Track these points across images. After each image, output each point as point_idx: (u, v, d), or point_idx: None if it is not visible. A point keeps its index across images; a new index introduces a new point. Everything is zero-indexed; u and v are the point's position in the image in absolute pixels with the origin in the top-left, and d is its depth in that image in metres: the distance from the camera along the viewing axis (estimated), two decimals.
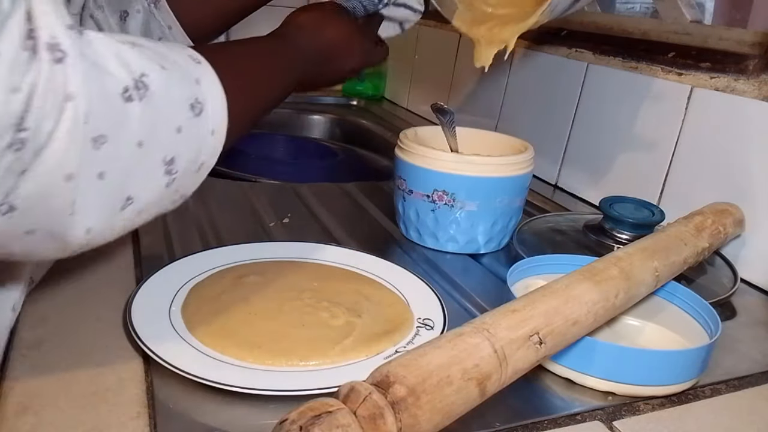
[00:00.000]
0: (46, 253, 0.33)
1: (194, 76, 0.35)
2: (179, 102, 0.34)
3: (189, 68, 0.35)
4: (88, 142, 0.29)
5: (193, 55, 0.36)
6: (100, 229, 0.33)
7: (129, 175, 0.32)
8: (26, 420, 0.35)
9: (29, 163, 0.27)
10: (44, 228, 0.30)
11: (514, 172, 0.60)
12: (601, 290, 0.41)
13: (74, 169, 0.28)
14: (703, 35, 0.75)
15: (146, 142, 0.32)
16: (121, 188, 0.32)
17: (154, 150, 0.33)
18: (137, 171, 0.32)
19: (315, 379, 0.39)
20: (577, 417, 0.40)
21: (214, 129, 0.36)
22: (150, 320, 0.43)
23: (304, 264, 0.55)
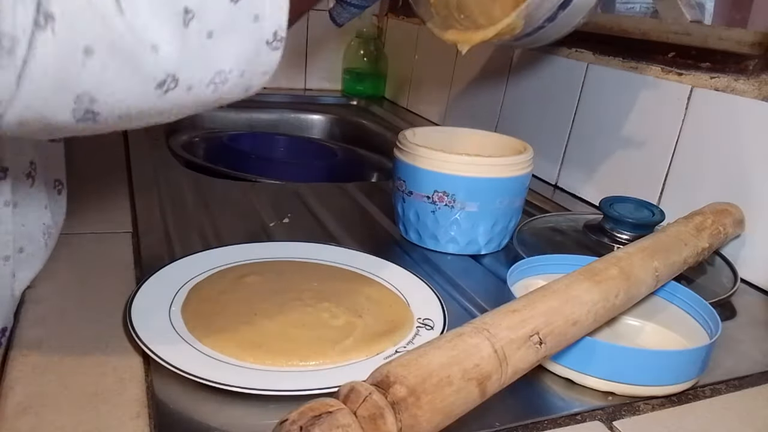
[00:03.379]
0: (125, 88, 0.29)
1: None
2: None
3: None
4: None
5: None
6: (173, 51, 0.29)
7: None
8: (26, 420, 0.35)
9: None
10: (100, 40, 0.26)
11: (514, 173, 0.60)
12: (601, 290, 0.41)
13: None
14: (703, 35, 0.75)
15: None
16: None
17: None
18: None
19: (315, 379, 0.39)
20: (577, 417, 0.40)
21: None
22: (150, 320, 0.43)
23: (304, 264, 0.55)
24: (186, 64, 0.30)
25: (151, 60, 0.28)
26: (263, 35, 0.33)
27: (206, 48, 0.31)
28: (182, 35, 0.29)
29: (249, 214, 0.69)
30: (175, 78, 0.30)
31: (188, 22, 0.29)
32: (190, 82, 0.31)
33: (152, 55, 0.28)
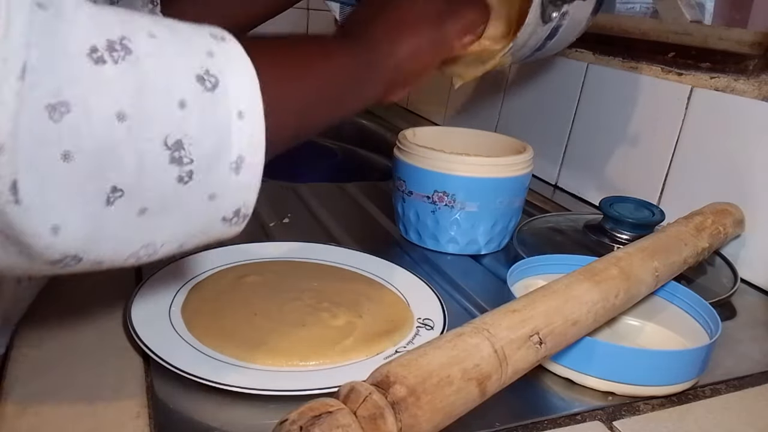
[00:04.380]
0: (12, 263, 0.26)
1: (205, 47, 0.29)
2: (179, 70, 0.28)
3: (200, 39, 0.29)
4: (36, 109, 0.23)
5: (216, 32, 0.30)
6: (80, 231, 0.26)
7: (111, 158, 0.26)
8: (26, 420, 0.35)
9: None
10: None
11: (514, 173, 0.60)
12: (601, 290, 0.41)
13: (4, 138, 0.22)
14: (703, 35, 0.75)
15: (131, 116, 0.26)
16: (100, 174, 0.26)
17: (145, 126, 0.26)
18: (124, 152, 0.26)
19: (315, 379, 0.39)
20: (577, 417, 0.40)
21: (243, 110, 0.29)
22: (150, 320, 0.43)
23: (304, 264, 0.55)
24: (96, 244, 0.28)
25: (46, 242, 0.25)
26: (219, 213, 0.31)
27: (134, 223, 0.28)
28: (100, 215, 0.27)
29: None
30: (76, 257, 0.27)
31: (113, 201, 0.27)
32: (99, 258, 0.28)
33: (50, 237, 0.25)
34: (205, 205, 0.30)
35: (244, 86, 0.30)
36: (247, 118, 0.30)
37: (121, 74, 0.25)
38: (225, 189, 0.30)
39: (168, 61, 0.27)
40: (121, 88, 0.25)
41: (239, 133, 0.30)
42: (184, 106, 0.28)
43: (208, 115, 0.28)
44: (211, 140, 0.29)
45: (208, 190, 0.30)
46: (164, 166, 0.28)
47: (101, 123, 0.25)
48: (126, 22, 0.27)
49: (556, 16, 0.56)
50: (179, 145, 0.28)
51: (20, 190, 0.24)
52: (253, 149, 0.30)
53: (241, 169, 0.30)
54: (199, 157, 0.28)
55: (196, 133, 0.28)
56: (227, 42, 0.30)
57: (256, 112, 0.30)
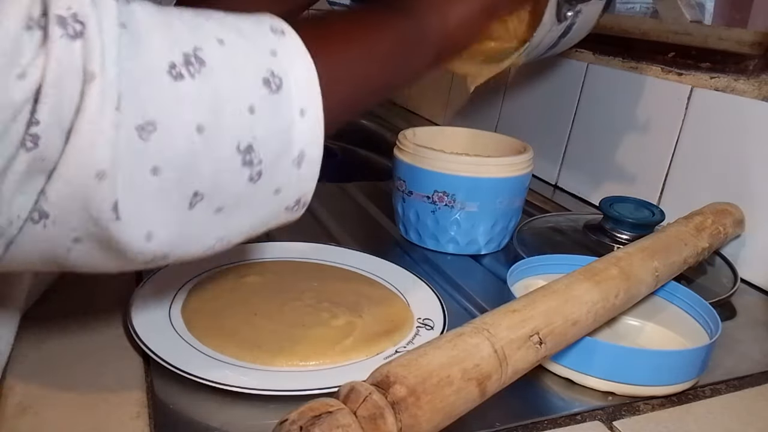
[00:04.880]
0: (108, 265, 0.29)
1: (269, 46, 0.30)
2: (248, 76, 0.29)
3: (263, 39, 0.30)
4: (128, 132, 0.24)
5: (276, 24, 0.31)
6: (169, 235, 0.28)
7: (192, 168, 0.27)
8: (26, 420, 0.35)
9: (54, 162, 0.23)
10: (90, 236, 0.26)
11: (514, 173, 0.60)
12: (601, 290, 0.41)
13: (106, 165, 0.24)
14: (703, 35, 0.75)
15: (208, 126, 0.27)
16: (183, 183, 0.27)
17: (221, 135, 0.28)
18: (203, 161, 0.28)
19: (315, 379, 0.39)
20: (577, 417, 0.40)
21: (304, 108, 0.31)
22: (150, 320, 0.43)
23: (304, 264, 0.55)
24: (180, 243, 0.30)
25: (141, 248, 0.28)
26: (283, 204, 0.33)
27: (211, 221, 0.30)
28: (184, 218, 0.29)
29: None
30: (165, 255, 0.29)
31: (194, 205, 0.29)
32: (183, 255, 0.30)
33: (144, 243, 0.27)
34: (271, 198, 0.32)
35: (304, 83, 0.31)
36: (308, 114, 0.31)
37: (198, 88, 0.27)
38: (289, 183, 0.32)
39: (238, 68, 0.29)
40: (199, 101, 0.27)
41: (301, 130, 0.31)
42: (254, 111, 0.29)
43: (274, 116, 0.30)
44: (277, 140, 0.30)
45: (274, 186, 0.31)
46: (238, 169, 0.29)
47: (183, 137, 0.27)
48: (195, 28, 0.28)
49: (570, 15, 0.56)
50: (250, 148, 0.29)
51: (120, 208, 0.25)
52: (312, 144, 0.32)
53: (303, 163, 0.32)
54: (266, 157, 0.30)
55: (264, 135, 0.30)
56: (287, 36, 0.31)
57: (316, 108, 0.31)
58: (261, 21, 0.31)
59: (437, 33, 0.43)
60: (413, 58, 0.42)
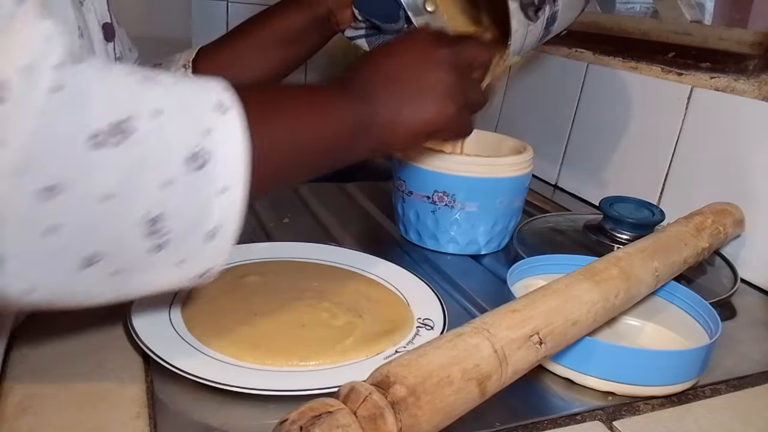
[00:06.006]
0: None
1: (205, 125, 0.31)
2: (173, 152, 0.29)
3: (202, 115, 0.31)
4: (27, 194, 0.25)
5: (223, 99, 0.32)
6: (53, 291, 0.29)
7: (92, 232, 0.28)
8: (26, 420, 0.35)
9: None
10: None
11: (514, 173, 0.60)
12: (601, 290, 0.41)
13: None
14: (703, 35, 0.75)
15: (118, 195, 0.27)
16: (79, 245, 0.28)
17: (129, 204, 0.28)
18: (105, 227, 0.28)
19: (315, 379, 0.39)
20: (577, 417, 0.40)
21: (227, 186, 0.31)
22: (150, 320, 0.43)
23: (304, 264, 0.55)
24: (68, 298, 0.30)
25: (18, 299, 0.28)
26: (187, 274, 0.33)
27: (105, 282, 0.30)
28: (75, 278, 0.29)
29: (249, 214, 0.69)
30: (50, 304, 0.29)
31: (89, 266, 0.28)
32: (70, 305, 0.31)
33: (23, 296, 0.28)
34: (173, 268, 0.32)
35: (232, 163, 0.31)
36: (229, 192, 0.31)
37: (117, 158, 0.27)
38: (196, 255, 0.32)
39: (164, 142, 0.29)
40: (114, 171, 0.27)
41: (220, 206, 0.31)
42: (170, 185, 0.29)
43: (191, 192, 0.30)
44: (190, 215, 0.30)
45: (179, 257, 0.31)
46: (141, 239, 0.29)
47: (88, 204, 0.27)
48: (137, 94, 0.28)
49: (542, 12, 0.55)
50: (157, 220, 0.29)
51: (6, 263, 0.26)
52: (230, 219, 0.32)
53: (216, 237, 0.32)
54: (175, 230, 0.30)
55: (176, 209, 0.30)
56: (228, 114, 0.32)
57: (240, 186, 0.32)
58: (208, 94, 0.32)
59: (382, 129, 0.43)
60: (353, 146, 0.42)
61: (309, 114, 0.39)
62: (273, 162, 0.36)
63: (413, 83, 0.43)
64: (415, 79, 0.43)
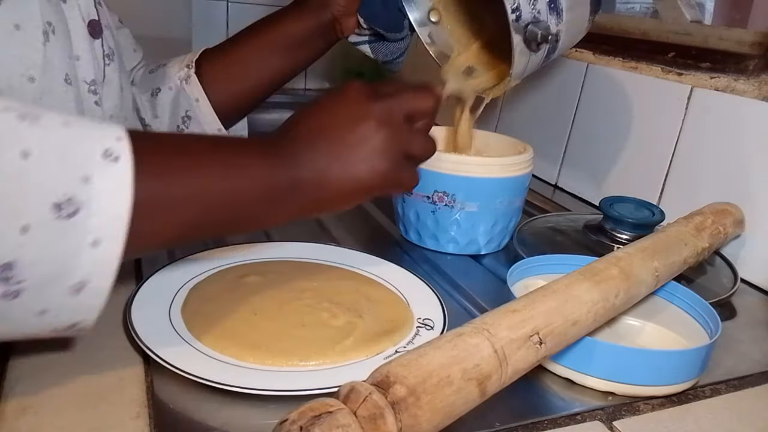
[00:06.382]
0: None
1: (83, 172, 0.29)
2: (36, 196, 0.28)
3: (84, 162, 0.29)
4: None
5: (114, 149, 0.30)
6: None
7: None
8: (26, 420, 0.35)
9: None
10: None
11: (514, 173, 0.60)
12: (601, 290, 0.41)
13: None
14: (703, 35, 0.75)
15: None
16: None
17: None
18: None
19: (315, 379, 0.39)
20: (577, 417, 0.40)
21: (98, 240, 0.29)
22: (150, 320, 0.43)
23: (304, 264, 0.55)
24: None
25: None
26: (51, 325, 0.31)
27: None
28: None
29: None
30: None
31: None
32: None
33: None
34: (33, 319, 0.30)
35: (110, 216, 0.30)
36: (102, 246, 0.30)
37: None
38: (59, 307, 0.30)
39: (27, 185, 0.27)
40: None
41: (89, 260, 0.30)
42: (27, 231, 0.28)
43: (54, 242, 0.28)
44: (51, 265, 0.29)
45: (38, 307, 0.30)
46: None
47: None
48: (3, 135, 0.27)
49: (543, 46, 0.55)
50: (9, 266, 0.28)
51: None
52: (100, 275, 0.30)
53: (82, 291, 0.30)
54: (31, 278, 0.28)
55: (34, 258, 0.28)
56: (118, 164, 0.30)
57: (116, 240, 0.30)
58: (99, 141, 0.30)
59: (309, 191, 0.40)
60: (274, 208, 0.39)
61: (218, 170, 0.36)
62: (166, 219, 0.34)
63: (343, 140, 0.41)
64: (344, 135, 0.41)
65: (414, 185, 0.45)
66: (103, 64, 0.53)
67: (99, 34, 0.52)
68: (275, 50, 0.64)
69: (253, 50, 0.64)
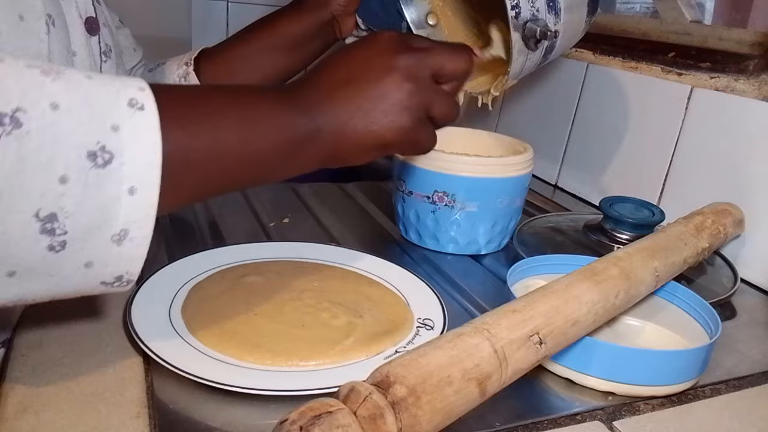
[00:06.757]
0: None
1: (112, 121, 0.29)
2: (70, 146, 0.28)
3: (110, 110, 0.29)
4: None
5: (139, 97, 0.30)
6: None
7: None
8: (26, 420, 0.35)
9: None
10: None
11: (514, 173, 0.60)
12: (601, 290, 0.41)
13: None
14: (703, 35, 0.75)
15: (5, 189, 0.26)
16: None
17: (18, 199, 0.27)
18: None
19: (315, 379, 0.39)
20: (577, 417, 0.40)
21: (135, 187, 0.30)
22: (150, 320, 0.43)
23: (304, 264, 0.55)
24: None
25: None
26: (97, 278, 0.31)
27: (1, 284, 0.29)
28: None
29: (249, 214, 0.69)
30: None
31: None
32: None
33: None
34: (80, 271, 0.30)
35: (142, 163, 0.30)
36: (138, 193, 0.30)
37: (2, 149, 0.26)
38: (104, 258, 0.31)
39: (60, 136, 0.28)
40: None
41: (127, 208, 0.30)
42: (66, 182, 0.28)
43: (92, 190, 0.29)
44: (92, 215, 0.29)
45: (84, 259, 0.30)
46: (34, 236, 0.28)
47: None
48: (31, 89, 0.27)
49: (541, 44, 0.56)
50: (52, 217, 0.28)
51: None
52: (139, 224, 0.30)
53: (124, 241, 0.30)
54: (74, 229, 0.29)
55: (74, 207, 0.28)
56: (144, 112, 0.30)
57: (150, 189, 0.30)
58: (122, 91, 0.30)
59: (328, 142, 0.39)
60: (293, 159, 0.39)
61: (237, 121, 0.36)
62: (192, 168, 0.33)
63: (365, 91, 0.39)
64: (367, 86, 0.39)
65: (431, 146, 0.43)
66: (100, 61, 0.53)
67: (96, 31, 0.53)
68: (274, 49, 0.64)
69: (251, 49, 0.64)
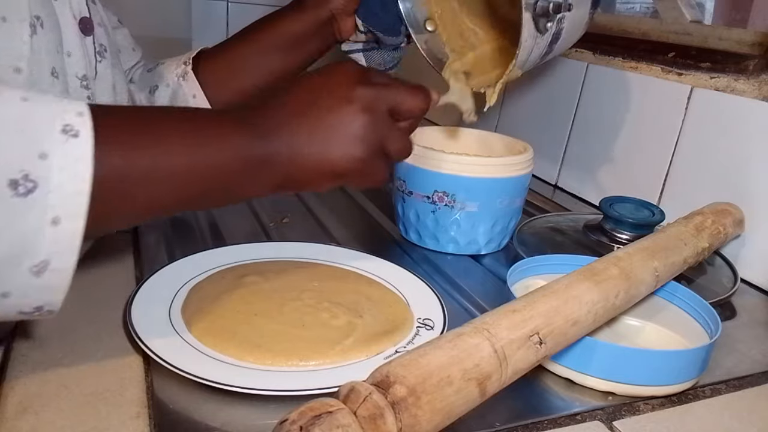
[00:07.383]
0: None
1: (40, 149, 0.28)
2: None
3: (41, 138, 0.28)
4: None
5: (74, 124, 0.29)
6: None
7: None
8: (26, 420, 0.35)
9: None
10: None
11: (514, 173, 0.60)
12: (601, 290, 0.41)
13: None
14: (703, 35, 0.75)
15: None
16: None
17: None
18: None
19: (315, 379, 0.39)
20: (577, 417, 0.40)
21: (58, 217, 0.29)
22: (150, 320, 0.43)
23: (304, 264, 0.55)
24: None
25: None
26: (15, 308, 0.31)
27: None
28: None
29: (249, 214, 0.69)
30: None
31: None
32: None
33: None
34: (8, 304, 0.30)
35: (70, 191, 0.29)
36: (62, 224, 0.29)
37: None
38: (22, 289, 0.30)
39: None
40: None
41: (50, 238, 0.29)
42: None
43: (11, 219, 0.28)
44: (9, 245, 0.28)
45: (1, 289, 0.29)
46: None
47: None
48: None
49: (551, 25, 0.56)
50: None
51: None
52: (62, 254, 0.30)
53: (44, 272, 0.30)
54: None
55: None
56: (77, 139, 0.29)
57: (76, 218, 0.29)
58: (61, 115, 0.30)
59: (285, 167, 0.39)
60: (248, 182, 0.38)
61: (184, 146, 0.35)
62: (131, 193, 0.33)
63: (323, 119, 0.40)
64: (326, 115, 0.40)
65: (383, 182, 0.43)
66: (95, 61, 0.53)
67: (90, 31, 0.53)
68: (273, 49, 0.64)
69: (250, 49, 0.64)
